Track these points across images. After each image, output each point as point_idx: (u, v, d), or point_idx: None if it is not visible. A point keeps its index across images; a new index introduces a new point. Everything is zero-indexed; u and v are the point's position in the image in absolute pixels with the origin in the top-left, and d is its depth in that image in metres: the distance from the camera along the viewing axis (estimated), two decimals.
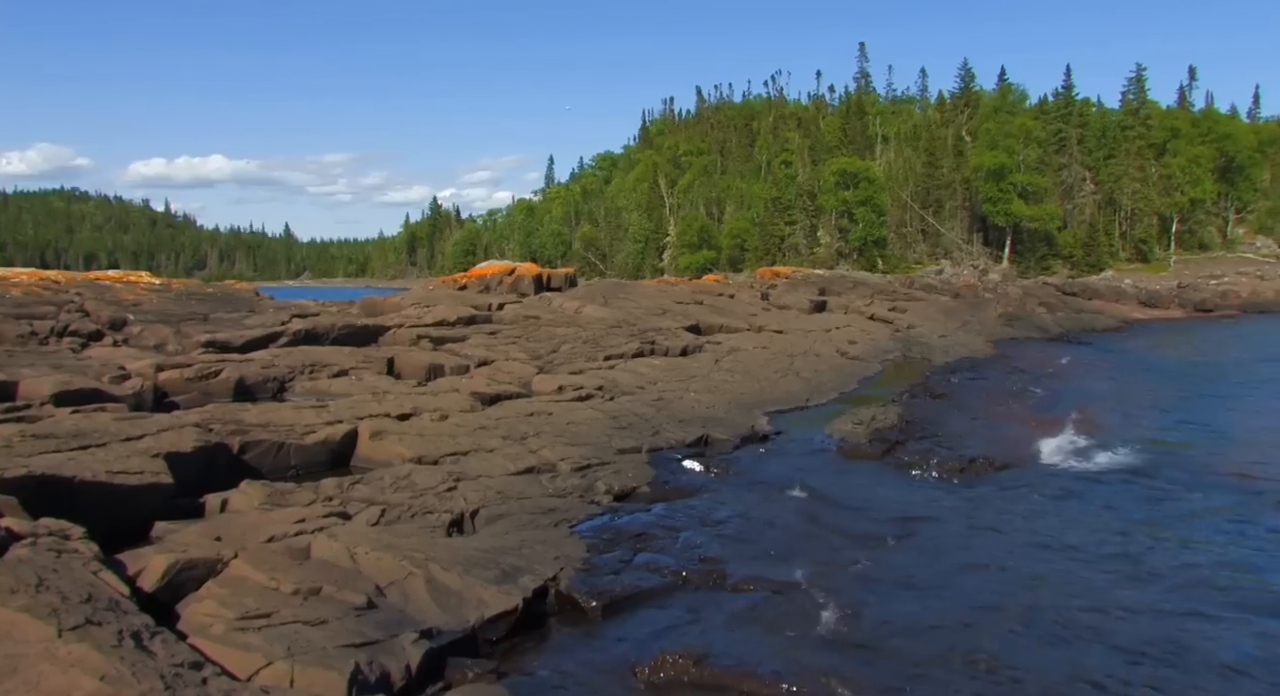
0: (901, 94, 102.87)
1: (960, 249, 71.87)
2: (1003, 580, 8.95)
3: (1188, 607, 8.30)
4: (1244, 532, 10.72)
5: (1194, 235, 77.69)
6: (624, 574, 8.55)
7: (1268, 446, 16.30)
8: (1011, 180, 69.86)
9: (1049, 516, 11.30)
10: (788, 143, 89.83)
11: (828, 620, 7.79)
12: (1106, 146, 78.70)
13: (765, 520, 10.60)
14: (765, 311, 33.99)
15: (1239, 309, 60.64)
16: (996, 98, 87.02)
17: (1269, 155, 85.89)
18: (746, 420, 16.24)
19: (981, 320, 41.49)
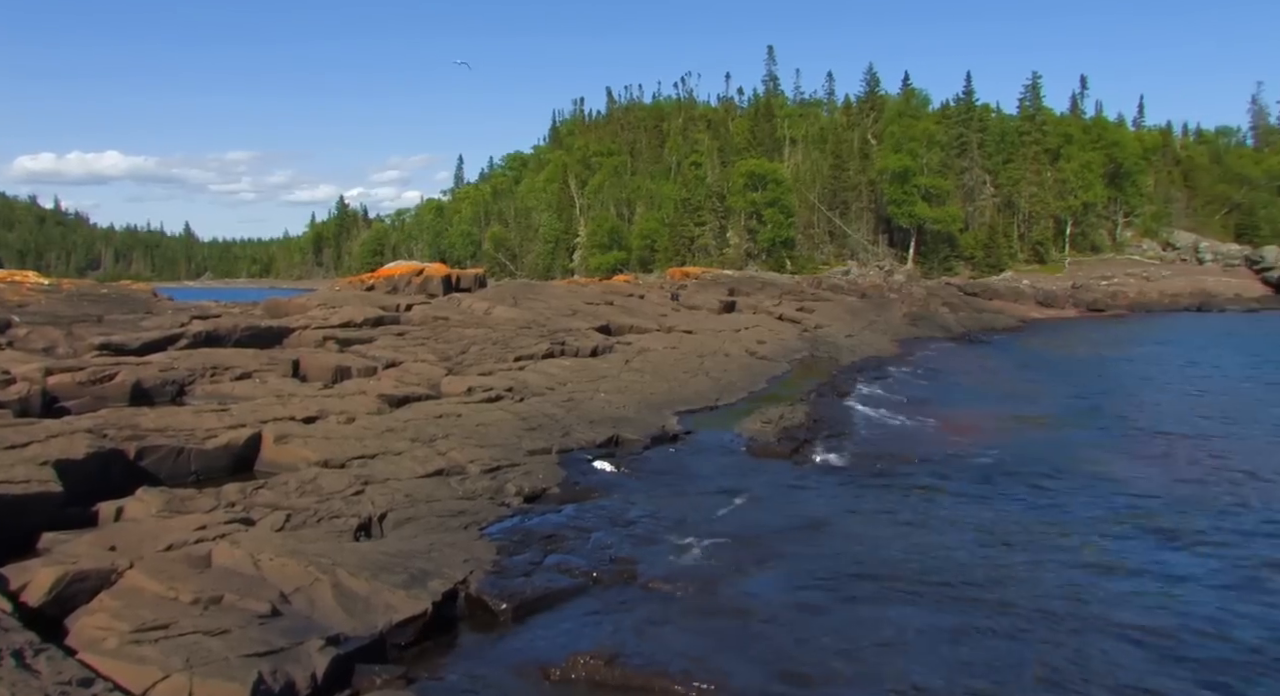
0: (809, 97, 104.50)
1: (866, 250, 73.28)
2: (912, 572, 9.14)
3: (1091, 596, 8.58)
4: (1131, 522, 11.13)
5: (1086, 237, 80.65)
6: (535, 575, 8.51)
7: (1157, 441, 16.96)
8: (915, 183, 71.59)
9: (953, 510, 11.59)
10: (697, 144, 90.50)
11: (739, 619, 7.87)
12: (1005, 151, 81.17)
13: (676, 519, 10.65)
14: (675, 312, 34.18)
15: (1127, 308, 63.17)
16: (901, 102, 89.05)
17: (1152, 162, 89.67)
18: (657, 420, 16.31)
19: (887, 320, 42.39)
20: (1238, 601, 8.50)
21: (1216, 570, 9.41)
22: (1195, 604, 8.43)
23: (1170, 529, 10.88)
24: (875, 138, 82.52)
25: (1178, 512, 11.64)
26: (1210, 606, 8.36)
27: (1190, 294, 69.03)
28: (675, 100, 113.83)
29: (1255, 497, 12.46)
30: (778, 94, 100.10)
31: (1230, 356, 33.12)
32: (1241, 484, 13.31)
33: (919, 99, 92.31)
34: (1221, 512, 11.67)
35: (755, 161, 74.45)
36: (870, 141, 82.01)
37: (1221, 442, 16.69)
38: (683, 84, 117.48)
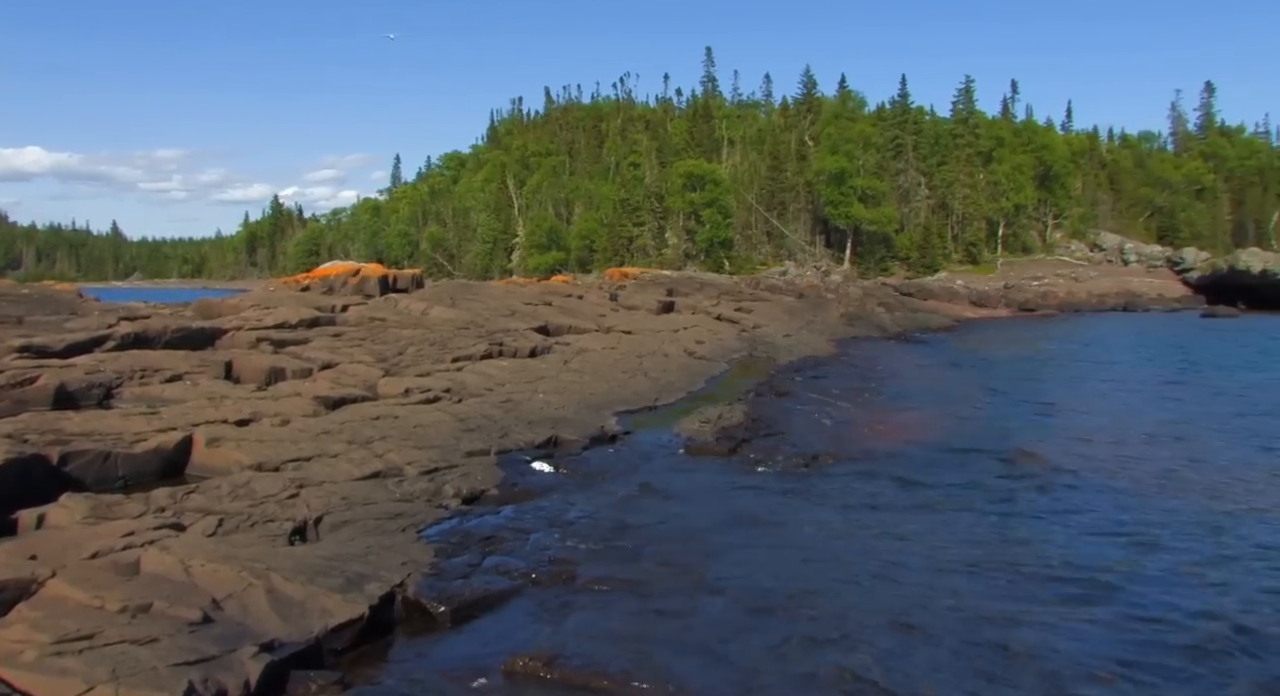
0: (747, 98, 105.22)
1: (804, 250, 73.98)
2: (847, 572, 9.24)
3: (1025, 593, 8.74)
4: (1067, 519, 11.37)
5: (1018, 238, 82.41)
6: (473, 577, 8.44)
7: (1086, 436, 17.35)
8: (852, 184, 72.50)
9: (889, 508, 11.73)
10: (636, 144, 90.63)
11: (678, 618, 7.88)
12: (939, 153, 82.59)
13: (615, 519, 10.65)
14: (614, 312, 34.17)
15: (1057, 308, 64.68)
16: (837, 104, 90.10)
17: (1080, 165, 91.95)
18: (596, 420, 16.28)
19: (824, 320, 42.84)
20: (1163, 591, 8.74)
21: (1140, 562, 9.66)
22: (1119, 594, 8.64)
23: (1099, 521, 11.14)
24: (812, 139, 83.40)
25: (1109, 505, 11.91)
26: (1131, 596, 8.58)
27: (1116, 294, 70.90)
28: (614, 100, 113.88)
29: (1187, 490, 12.80)
30: (716, 95, 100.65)
31: (1158, 354, 34.06)
32: (1170, 476, 13.68)
33: (855, 101, 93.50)
34: (1149, 506, 11.97)
35: (693, 162, 74.75)
36: (807, 143, 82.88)
37: (1151, 437, 17.15)
38: (621, 84, 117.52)
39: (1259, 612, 8.16)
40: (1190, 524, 11.10)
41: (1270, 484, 13.36)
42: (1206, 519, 11.32)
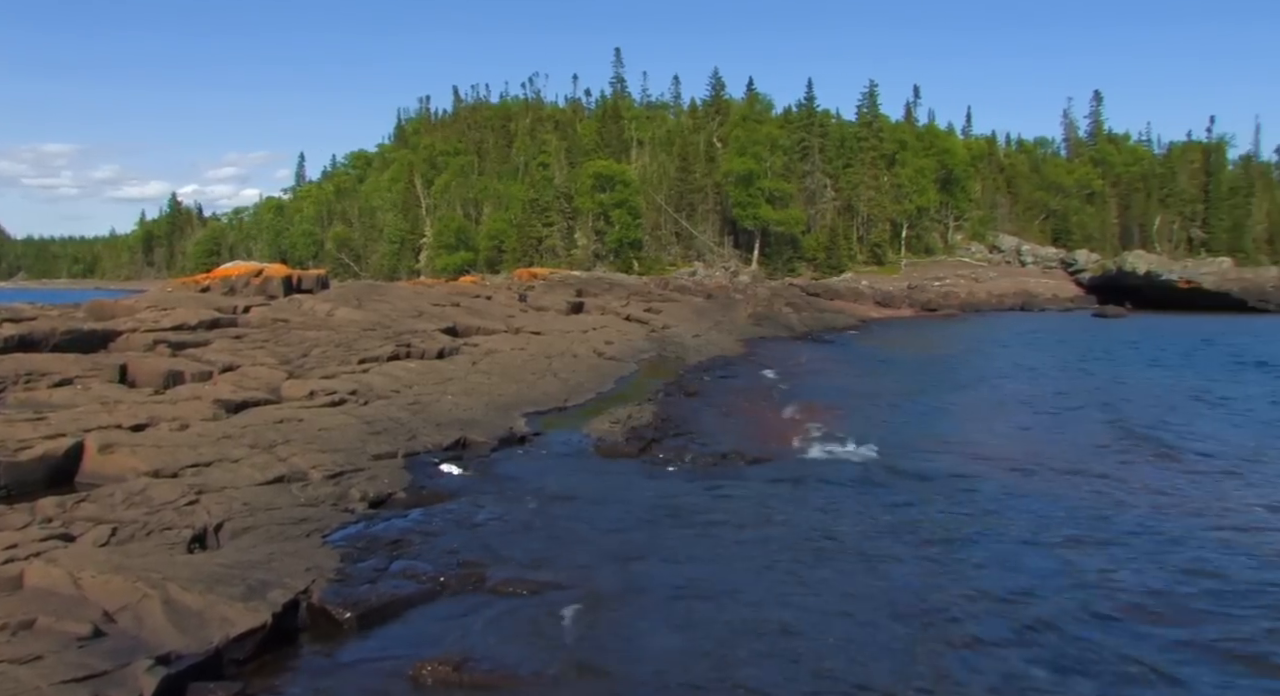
0: (656, 100, 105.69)
1: (712, 251, 74.58)
2: (760, 568, 9.33)
3: (933, 589, 8.93)
4: (969, 514, 11.67)
5: (921, 240, 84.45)
6: (380, 582, 8.30)
7: (986, 432, 17.85)
8: (759, 186, 73.37)
9: (796, 507, 11.87)
10: (545, 145, 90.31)
11: (587, 619, 7.87)
12: (845, 156, 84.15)
13: (524, 521, 10.59)
14: (523, 313, 33.99)
15: (959, 308, 66.45)
16: (745, 106, 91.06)
17: (979, 169, 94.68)
18: (505, 422, 16.17)
19: (732, 320, 43.25)
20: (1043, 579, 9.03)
21: (1031, 554, 9.96)
22: (1011, 584, 8.91)
23: (996, 516, 11.47)
24: (720, 141, 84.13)
25: (1004, 499, 12.27)
26: (1016, 586, 8.85)
27: (1014, 294, 73.19)
28: (523, 100, 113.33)
29: (1081, 482, 13.25)
30: (625, 96, 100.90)
31: (1051, 351, 35.25)
32: (1064, 466, 14.15)
33: (763, 104, 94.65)
34: (1039, 497, 12.36)
35: (603, 163, 74.79)
36: (716, 144, 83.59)
37: (1049, 432, 17.73)
38: (530, 84, 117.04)
39: (1150, 607, 8.51)
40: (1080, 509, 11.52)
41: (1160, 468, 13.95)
42: (1087, 501, 11.76)
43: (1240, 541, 10.45)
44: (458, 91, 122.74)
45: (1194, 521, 11.28)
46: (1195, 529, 10.93)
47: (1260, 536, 10.69)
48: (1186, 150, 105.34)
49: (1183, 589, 8.89)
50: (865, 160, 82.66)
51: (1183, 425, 18.63)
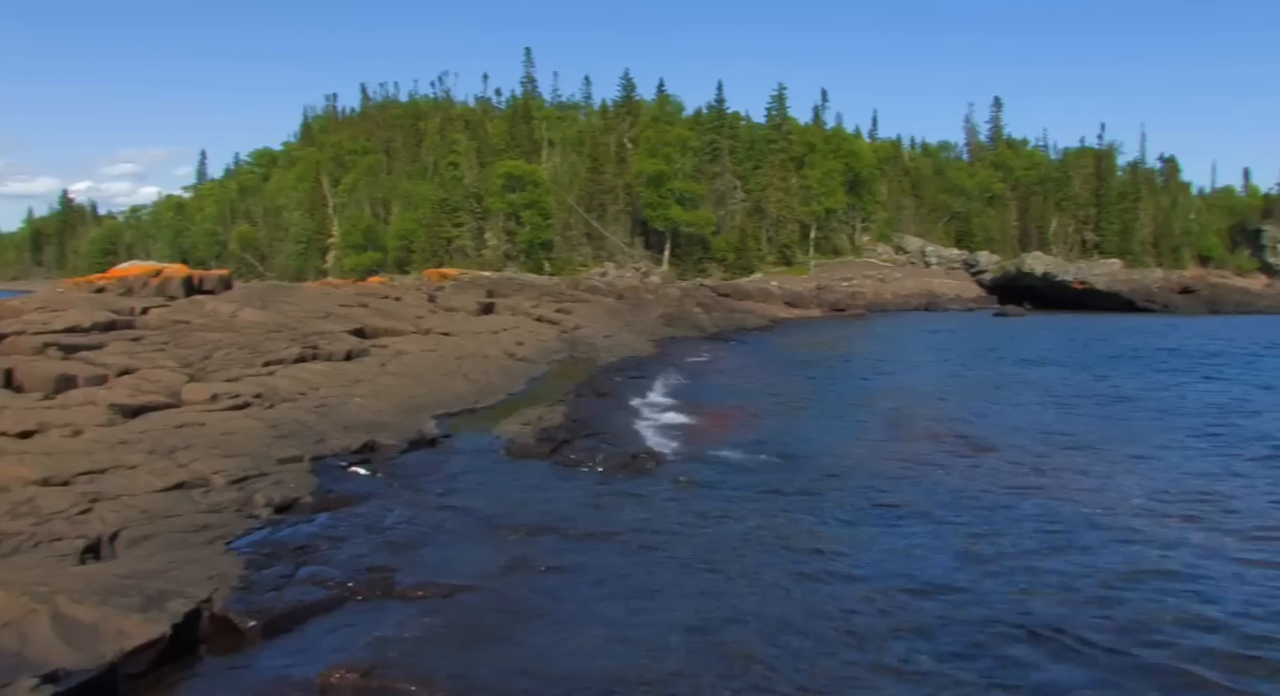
0: (567, 100, 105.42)
1: (623, 252, 74.71)
2: (669, 569, 9.38)
3: (840, 590, 9.09)
4: (874, 509, 11.91)
5: (829, 241, 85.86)
6: (286, 590, 8.13)
7: (892, 429, 18.23)
8: (670, 187, 73.74)
9: (706, 507, 11.98)
10: (455, 144, 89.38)
11: (498, 622, 7.82)
12: (754, 158, 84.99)
13: (434, 524, 10.48)
14: (433, 314, 33.59)
15: (866, 308, 67.76)
16: (655, 108, 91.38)
17: (885, 172, 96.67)
18: (414, 424, 15.97)
19: (644, 320, 43.38)
20: (957, 571, 9.27)
21: (942, 547, 10.22)
22: (930, 573, 9.13)
23: (906, 511, 11.73)
24: (631, 142, 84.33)
25: (915, 495, 12.55)
26: (939, 573, 9.08)
27: (919, 294, 74.89)
28: (432, 99, 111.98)
29: (981, 473, 13.63)
30: (536, 96, 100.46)
31: (953, 350, 36.18)
32: (969, 457, 14.54)
33: (673, 105, 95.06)
34: (936, 488, 12.68)
35: (513, 163, 74.41)
36: (626, 145, 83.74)
37: (951, 425, 18.19)
38: (440, 83, 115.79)
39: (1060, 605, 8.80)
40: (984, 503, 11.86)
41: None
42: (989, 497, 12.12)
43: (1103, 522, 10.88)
44: (365, 90, 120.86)
45: (1078, 507, 11.72)
46: (1082, 515, 11.35)
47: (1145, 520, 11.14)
48: (1080, 156, 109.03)
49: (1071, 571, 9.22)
50: (774, 162, 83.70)
51: (1071, 419, 19.33)
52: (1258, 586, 9.00)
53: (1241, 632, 7.84)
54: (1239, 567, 9.55)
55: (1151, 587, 8.97)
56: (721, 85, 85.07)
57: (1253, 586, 9.00)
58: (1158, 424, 19.05)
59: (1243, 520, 11.43)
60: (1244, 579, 9.22)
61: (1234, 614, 8.27)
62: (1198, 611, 8.31)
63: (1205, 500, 12.45)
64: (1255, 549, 10.19)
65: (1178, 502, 12.32)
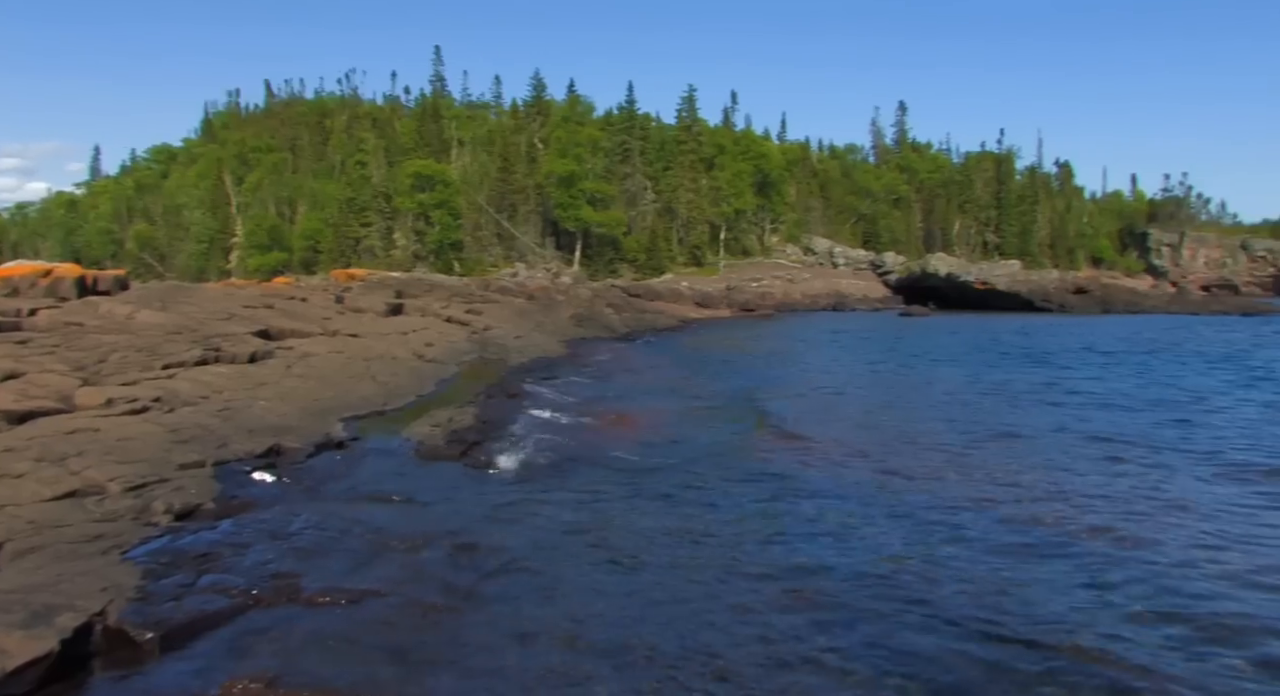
0: (477, 99, 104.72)
1: (534, 252, 74.41)
2: (580, 568, 9.35)
3: (744, 587, 9.15)
4: (785, 510, 12.04)
5: (738, 242, 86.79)
6: (185, 599, 7.86)
7: (805, 424, 18.47)
8: (581, 187, 73.73)
9: (614, 506, 11.98)
10: (363, 143, 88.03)
11: (407, 628, 7.69)
12: (665, 159, 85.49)
13: (341, 529, 10.26)
14: (340, 315, 32.98)
15: (775, 308, 68.68)
16: (566, 108, 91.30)
17: (794, 173, 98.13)
18: (321, 427, 15.64)
19: (554, 321, 43.24)
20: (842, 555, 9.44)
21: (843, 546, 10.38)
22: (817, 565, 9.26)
23: (805, 512, 11.88)
24: (542, 142, 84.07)
25: (821, 489, 12.73)
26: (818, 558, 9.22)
27: (827, 295, 76.20)
28: (339, 97, 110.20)
29: (877, 468, 13.88)
30: (445, 95, 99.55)
31: (858, 349, 36.86)
32: (868, 452, 14.80)
33: (584, 106, 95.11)
34: (837, 483, 12.90)
35: (422, 162, 73.55)
36: (537, 146, 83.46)
37: (859, 425, 18.51)
38: (347, 80, 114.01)
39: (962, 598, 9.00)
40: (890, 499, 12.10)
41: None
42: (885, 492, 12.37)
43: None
44: (270, 86, 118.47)
45: (967, 494, 12.04)
46: (972, 502, 11.66)
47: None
48: (981, 160, 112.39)
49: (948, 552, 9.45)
50: (684, 163, 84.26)
51: (982, 415, 19.86)
52: (1145, 566, 9.34)
53: (1124, 609, 8.14)
54: (1118, 547, 9.92)
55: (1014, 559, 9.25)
56: (632, 86, 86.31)
57: (1141, 566, 9.34)
58: (1054, 417, 19.67)
59: (1112, 504, 11.86)
60: (1128, 556, 9.57)
61: (1120, 584, 8.59)
62: (1085, 588, 8.60)
63: (1092, 485, 12.92)
64: (1125, 524, 10.58)
65: (1074, 492, 12.72)
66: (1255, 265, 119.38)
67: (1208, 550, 10.12)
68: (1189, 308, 71.69)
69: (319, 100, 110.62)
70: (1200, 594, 8.76)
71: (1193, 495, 12.67)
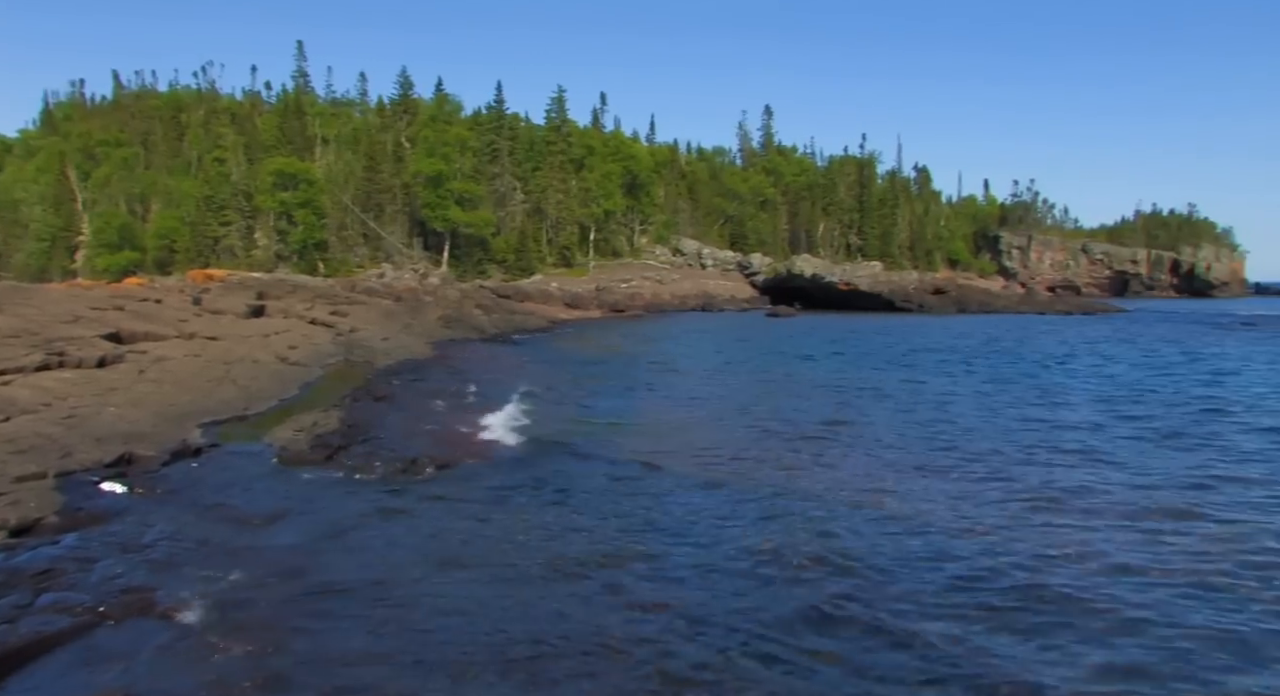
0: (342, 96, 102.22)
1: (401, 253, 73.11)
2: (439, 572, 9.23)
3: (616, 583, 9.19)
4: (655, 506, 12.14)
5: (608, 243, 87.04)
6: (22, 621, 7.44)
7: (671, 425, 18.65)
8: (449, 187, 72.74)
9: (479, 509, 11.88)
10: (221, 139, 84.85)
11: (268, 638, 7.47)
12: (534, 159, 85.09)
13: (199, 538, 9.90)
14: (198, 317, 31.76)
15: (644, 308, 69.10)
16: (434, 107, 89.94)
17: (663, 175, 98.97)
18: (177, 433, 15.03)
19: (422, 322, 42.55)
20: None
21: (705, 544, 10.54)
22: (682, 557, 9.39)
23: (672, 500, 12.03)
24: (409, 141, 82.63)
25: (666, 486, 12.88)
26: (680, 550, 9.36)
27: (696, 295, 77.06)
28: (195, 90, 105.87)
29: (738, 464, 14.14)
30: (308, 91, 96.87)
31: (728, 348, 37.48)
32: (730, 454, 15.06)
33: (452, 105, 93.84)
34: (691, 482, 13.11)
35: (285, 160, 71.41)
36: (404, 145, 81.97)
37: (713, 425, 18.81)
38: (204, 74, 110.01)
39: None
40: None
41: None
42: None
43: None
44: (119, 77, 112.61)
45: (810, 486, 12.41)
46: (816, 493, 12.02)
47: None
48: (844, 164, 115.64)
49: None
50: (554, 164, 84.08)
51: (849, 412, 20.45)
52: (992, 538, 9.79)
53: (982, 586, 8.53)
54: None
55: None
56: (501, 85, 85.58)
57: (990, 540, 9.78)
58: (911, 411, 20.42)
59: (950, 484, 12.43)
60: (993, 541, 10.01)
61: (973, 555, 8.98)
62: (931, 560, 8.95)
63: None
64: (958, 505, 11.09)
65: (935, 481, 13.23)
66: (1094, 267, 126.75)
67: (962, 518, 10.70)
68: (1036, 307, 75.29)
69: (173, 93, 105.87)
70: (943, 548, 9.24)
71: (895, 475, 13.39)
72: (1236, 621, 8.14)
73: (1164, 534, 10.83)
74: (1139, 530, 11.00)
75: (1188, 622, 8.09)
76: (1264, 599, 8.67)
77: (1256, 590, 8.89)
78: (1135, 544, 10.43)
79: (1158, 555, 10.01)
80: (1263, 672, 7.19)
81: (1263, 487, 13.24)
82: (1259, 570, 9.44)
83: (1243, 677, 7.10)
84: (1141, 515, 11.67)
